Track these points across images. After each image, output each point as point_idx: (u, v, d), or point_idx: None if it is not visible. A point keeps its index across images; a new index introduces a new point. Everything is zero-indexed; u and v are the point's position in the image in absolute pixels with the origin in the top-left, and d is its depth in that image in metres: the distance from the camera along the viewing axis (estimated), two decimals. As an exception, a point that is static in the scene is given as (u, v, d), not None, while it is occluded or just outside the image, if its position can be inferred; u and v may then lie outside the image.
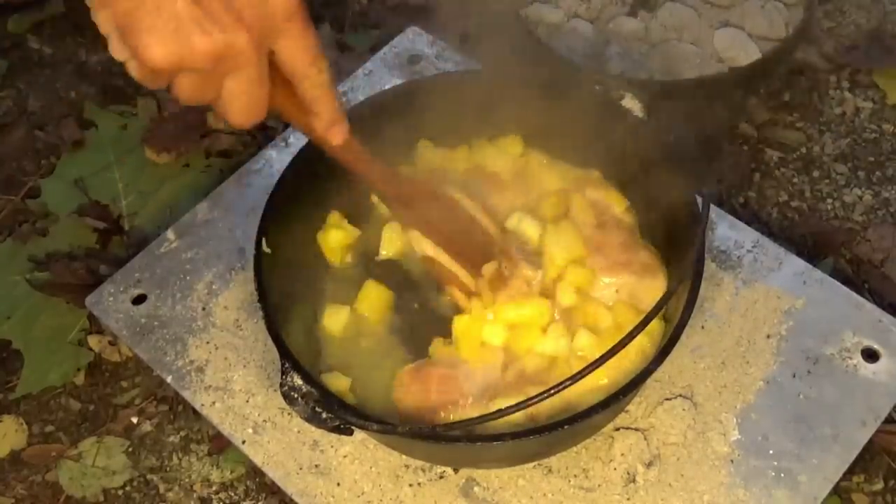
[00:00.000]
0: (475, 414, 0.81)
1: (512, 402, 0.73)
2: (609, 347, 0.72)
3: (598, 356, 0.72)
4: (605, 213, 0.95)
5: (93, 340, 1.14)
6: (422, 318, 0.93)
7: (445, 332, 0.89)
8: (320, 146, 0.77)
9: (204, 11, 0.59)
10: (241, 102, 0.65)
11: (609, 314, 0.88)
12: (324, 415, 0.76)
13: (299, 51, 0.66)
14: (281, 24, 0.63)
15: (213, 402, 0.96)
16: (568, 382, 0.71)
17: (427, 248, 0.88)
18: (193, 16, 0.59)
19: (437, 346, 0.89)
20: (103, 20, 0.62)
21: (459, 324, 0.88)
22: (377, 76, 1.20)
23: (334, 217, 0.97)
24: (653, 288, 0.89)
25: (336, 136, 0.75)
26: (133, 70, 0.63)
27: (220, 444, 1.05)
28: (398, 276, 0.96)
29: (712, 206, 1.04)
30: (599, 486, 0.88)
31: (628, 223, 0.95)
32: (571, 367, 0.83)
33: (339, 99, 0.73)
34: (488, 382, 0.85)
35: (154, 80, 0.63)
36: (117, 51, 0.62)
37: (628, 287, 0.89)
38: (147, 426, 1.08)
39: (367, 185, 0.87)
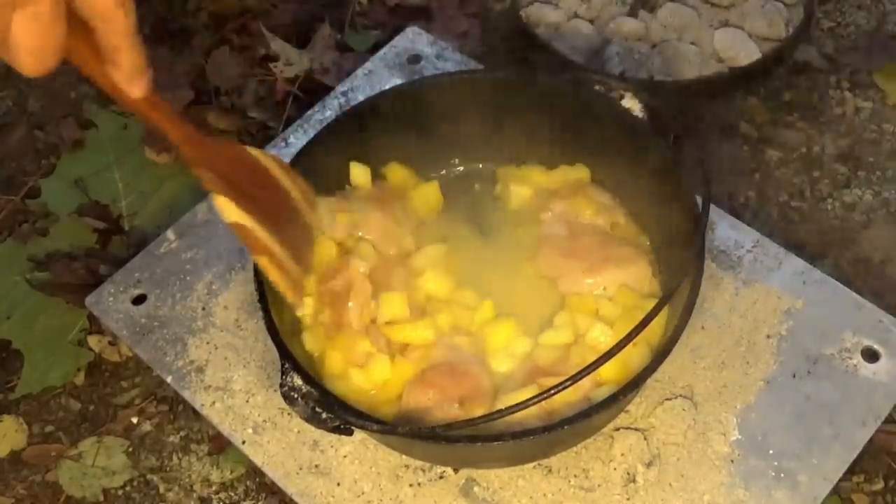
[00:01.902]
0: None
1: (526, 395, 0.73)
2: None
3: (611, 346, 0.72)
4: (574, 221, 0.96)
5: (93, 340, 1.14)
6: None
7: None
8: (117, 99, 0.70)
9: None
10: (29, 44, 0.58)
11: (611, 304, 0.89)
12: (324, 415, 0.76)
13: None
14: None
15: (213, 402, 0.96)
16: (568, 382, 0.71)
17: (233, 214, 0.80)
18: None
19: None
20: None
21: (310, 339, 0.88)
22: (377, 76, 1.20)
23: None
24: (639, 275, 0.91)
25: (136, 89, 0.68)
26: None
27: (220, 444, 1.05)
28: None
29: (712, 206, 1.04)
30: (599, 486, 0.88)
31: (600, 224, 0.96)
32: (585, 358, 0.82)
33: (141, 49, 0.65)
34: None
35: None
36: None
37: (616, 281, 0.90)
38: (147, 426, 1.08)
39: (170, 143, 0.79)
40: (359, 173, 0.98)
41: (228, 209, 0.79)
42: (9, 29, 0.57)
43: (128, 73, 0.66)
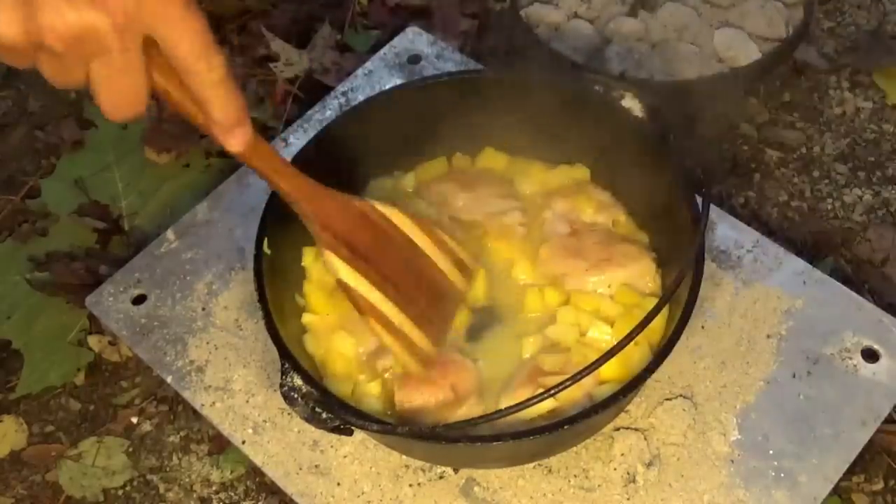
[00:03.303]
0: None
1: (526, 395, 0.73)
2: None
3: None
4: (576, 220, 0.96)
5: (93, 340, 1.14)
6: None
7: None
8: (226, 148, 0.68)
9: None
10: (108, 92, 0.59)
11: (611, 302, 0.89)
12: (324, 415, 0.76)
13: (181, 42, 0.58)
14: (153, 8, 0.56)
15: (213, 402, 0.96)
16: (569, 382, 0.71)
17: (343, 273, 0.76)
18: None
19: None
20: None
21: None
22: (377, 76, 1.20)
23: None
24: (642, 272, 0.91)
25: (233, 141, 0.66)
26: None
27: (220, 444, 1.05)
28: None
29: (712, 206, 1.04)
30: (599, 486, 0.88)
31: (602, 223, 0.96)
32: (587, 357, 0.83)
33: (237, 99, 0.63)
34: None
35: (11, 56, 0.57)
36: None
37: (618, 279, 0.91)
38: (147, 426, 1.08)
39: (281, 195, 0.76)
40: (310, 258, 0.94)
41: (338, 267, 0.77)
42: (90, 76, 0.57)
43: (220, 126, 0.64)
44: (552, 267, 0.93)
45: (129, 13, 0.55)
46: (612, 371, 0.83)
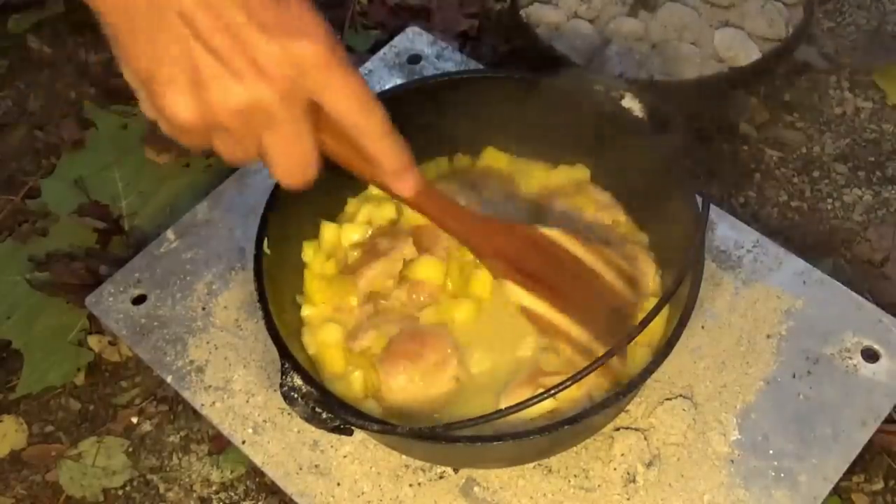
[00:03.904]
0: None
1: (526, 395, 0.73)
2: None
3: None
4: (576, 220, 0.96)
5: (93, 340, 1.14)
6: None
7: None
8: (394, 196, 0.72)
9: (225, 66, 0.56)
10: (282, 160, 0.61)
11: None
12: (324, 415, 0.76)
13: (342, 102, 0.60)
14: (314, 75, 0.58)
15: (213, 402, 0.96)
16: (569, 382, 0.71)
17: (524, 300, 0.80)
18: (213, 71, 0.56)
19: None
20: (130, 78, 0.60)
21: None
22: (377, 76, 1.20)
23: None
24: (642, 272, 0.91)
25: (404, 188, 0.69)
26: (164, 127, 0.60)
27: (220, 444, 1.05)
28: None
29: (712, 206, 1.04)
30: (599, 486, 0.88)
31: (602, 223, 0.96)
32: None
33: (402, 146, 0.66)
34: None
35: (186, 137, 0.60)
36: (145, 108, 0.60)
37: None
38: (147, 426, 1.08)
39: (450, 234, 0.80)
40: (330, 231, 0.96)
41: (519, 295, 0.80)
42: (262, 147, 0.60)
43: (390, 174, 0.67)
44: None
45: (292, 83, 0.57)
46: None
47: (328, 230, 0.96)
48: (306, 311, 0.92)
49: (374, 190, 1.00)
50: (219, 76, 0.56)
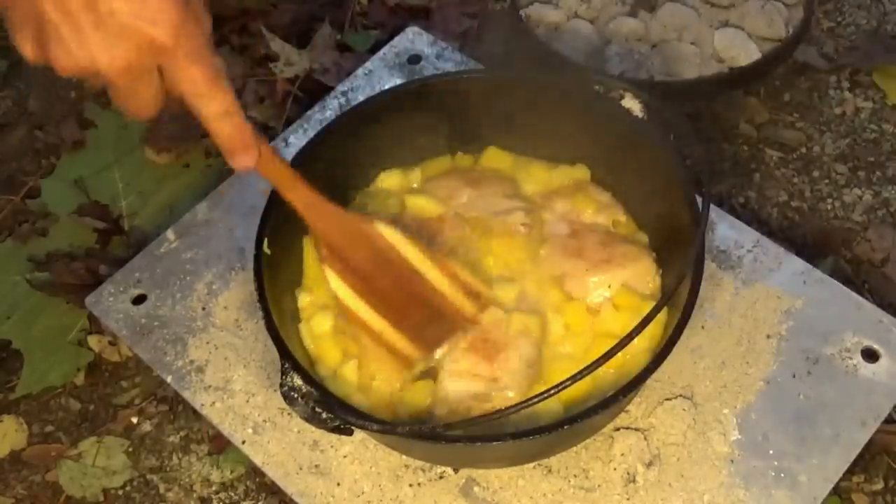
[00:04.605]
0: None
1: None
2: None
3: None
4: (576, 220, 0.96)
5: (93, 340, 1.14)
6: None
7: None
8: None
9: (73, 29, 0.60)
10: (126, 105, 0.67)
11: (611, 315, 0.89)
12: (324, 415, 0.76)
13: (183, 85, 0.66)
14: (159, 58, 0.64)
15: (213, 402, 0.96)
16: (568, 382, 0.71)
17: (337, 287, 0.85)
18: (58, 34, 0.60)
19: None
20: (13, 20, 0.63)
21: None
22: (377, 76, 1.20)
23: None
24: (642, 272, 0.91)
25: (239, 162, 0.74)
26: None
27: (220, 444, 1.05)
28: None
29: (712, 206, 1.04)
30: (599, 486, 0.88)
31: (602, 223, 0.96)
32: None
33: (240, 125, 0.71)
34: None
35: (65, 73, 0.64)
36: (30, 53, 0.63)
37: (618, 279, 0.91)
38: (147, 426, 1.08)
39: (291, 206, 0.84)
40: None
41: (330, 279, 0.85)
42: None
43: (227, 150, 0.73)
44: (552, 267, 0.93)
45: (138, 60, 0.63)
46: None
47: (309, 244, 0.95)
48: (303, 301, 0.92)
49: (378, 184, 1.00)
50: (63, 39, 0.61)
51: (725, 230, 1.03)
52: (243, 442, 0.93)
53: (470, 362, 0.84)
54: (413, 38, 1.24)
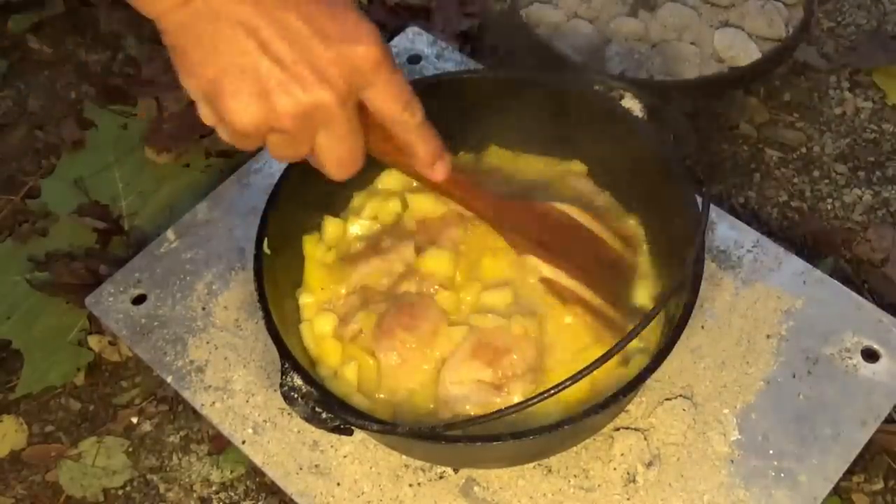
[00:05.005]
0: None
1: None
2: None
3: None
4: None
5: (93, 340, 1.14)
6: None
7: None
8: (422, 182, 0.80)
9: (288, 74, 0.61)
10: (333, 156, 0.67)
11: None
12: (324, 415, 0.76)
13: (388, 99, 0.67)
14: (367, 76, 0.64)
15: (213, 402, 0.96)
16: (568, 382, 0.71)
17: (545, 271, 0.87)
18: (278, 79, 0.61)
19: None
20: (191, 88, 0.64)
21: None
22: (377, 76, 1.20)
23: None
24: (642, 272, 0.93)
25: (437, 173, 0.76)
26: (222, 134, 0.65)
27: (220, 444, 1.05)
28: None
29: (712, 206, 1.04)
30: (599, 486, 0.88)
31: (600, 224, 0.96)
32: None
33: (435, 137, 0.74)
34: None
35: (244, 142, 0.64)
36: (206, 116, 0.65)
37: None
38: (147, 426, 1.08)
39: (476, 214, 0.87)
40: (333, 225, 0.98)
41: (539, 266, 0.86)
42: (314, 146, 0.66)
43: (425, 162, 0.75)
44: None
45: (348, 85, 0.63)
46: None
47: (331, 225, 0.96)
48: (304, 301, 0.92)
49: (379, 184, 1.00)
50: (284, 83, 0.61)
51: (725, 230, 1.03)
52: (243, 442, 0.93)
53: (472, 368, 0.84)
54: (413, 38, 1.24)
